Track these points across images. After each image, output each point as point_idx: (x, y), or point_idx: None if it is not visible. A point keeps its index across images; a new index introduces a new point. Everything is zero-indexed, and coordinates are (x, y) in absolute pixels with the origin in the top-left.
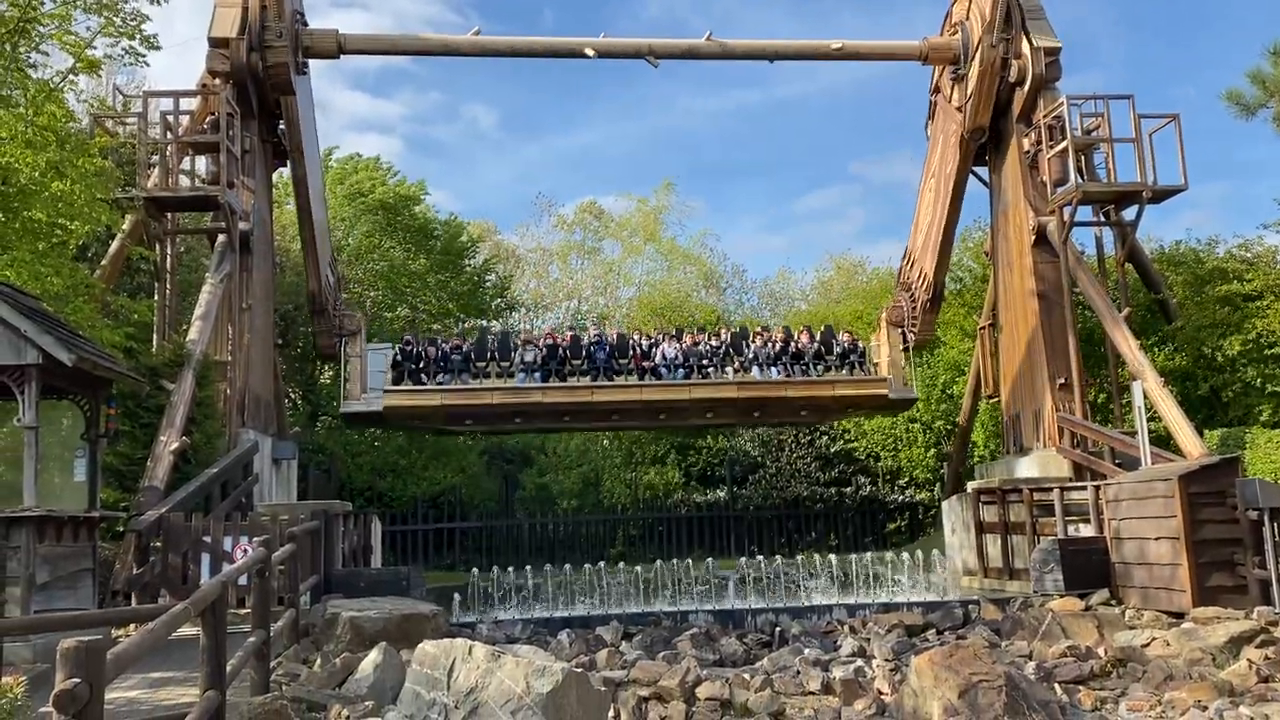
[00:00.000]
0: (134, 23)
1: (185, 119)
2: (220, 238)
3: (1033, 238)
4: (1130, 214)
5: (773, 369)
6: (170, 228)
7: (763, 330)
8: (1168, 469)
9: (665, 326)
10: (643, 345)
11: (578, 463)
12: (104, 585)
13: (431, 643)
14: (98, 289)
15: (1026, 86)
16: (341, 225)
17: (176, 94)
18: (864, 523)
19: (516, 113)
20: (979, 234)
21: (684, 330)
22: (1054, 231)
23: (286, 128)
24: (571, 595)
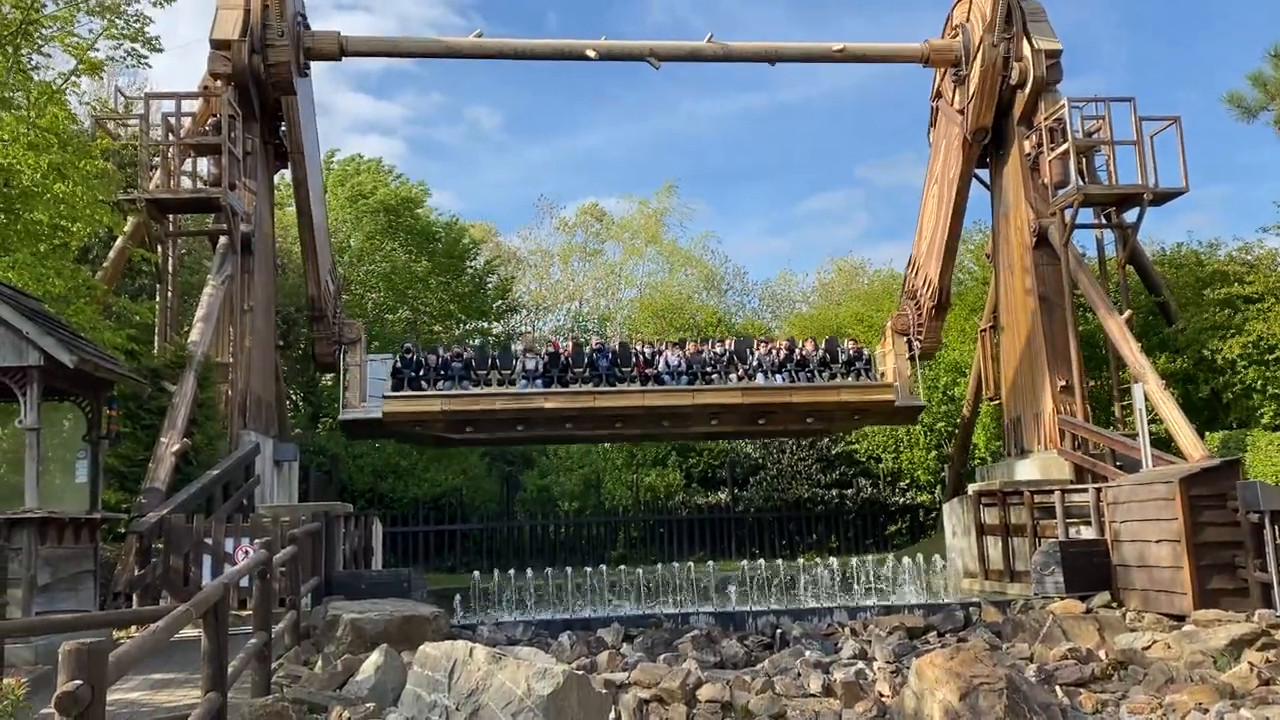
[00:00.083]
0: (137, 25)
1: (187, 121)
2: (222, 239)
3: (1034, 240)
4: (1131, 216)
5: (777, 376)
6: (172, 229)
7: (766, 340)
8: (1168, 471)
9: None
10: (645, 353)
11: (579, 464)
12: (105, 587)
13: (432, 645)
14: (99, 291)
15: (1028, 89)
16: (343, 227)
17: (178, 96)
18: (865, 525)
19: (519, 115)
20: (980, 236)
21: (687, 340)
22: (1055, 234)
23: (287, 129)
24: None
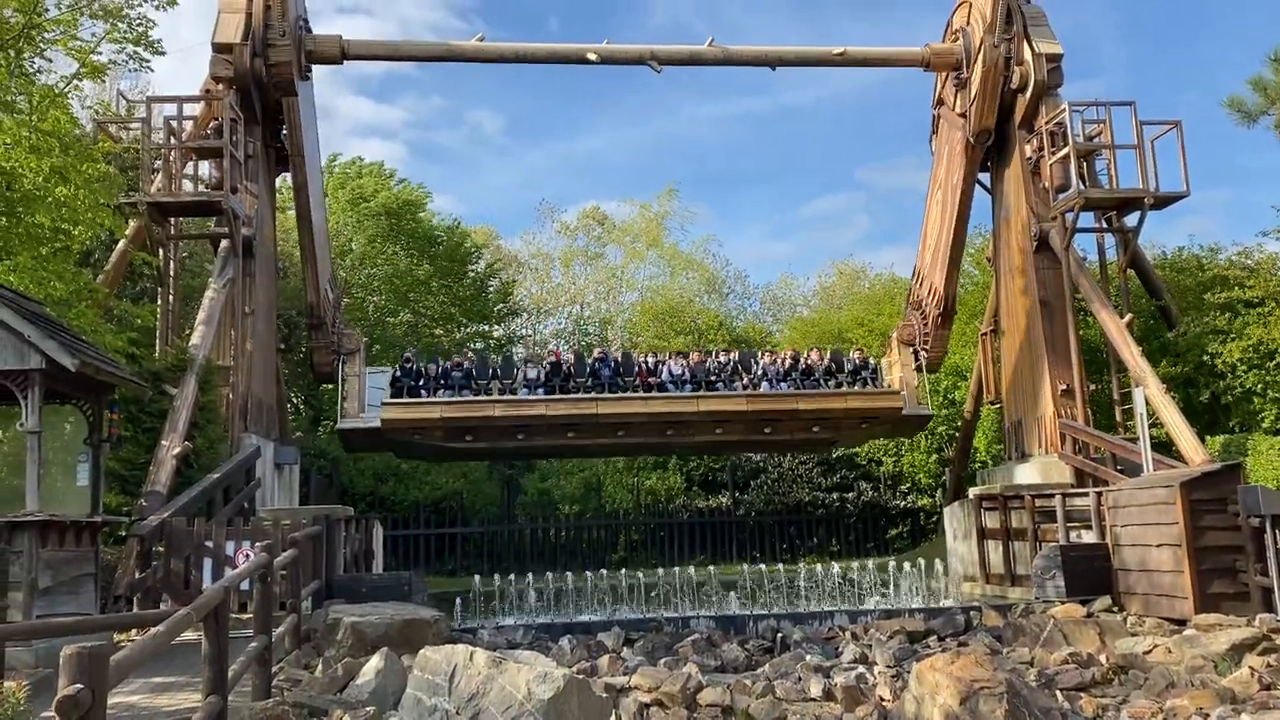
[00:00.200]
0: (139, 28)
1: (189, 124)
2: (223, 243)
3: (1035, 244)
4: (1132, 220)
5: (782, 384)
6: (173, 233)
7: (771, 350)
8: (1169, 476)
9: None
10: (649, 363)
11: (579, 468)
12: (106, 590)
13: (433, 648)
14: (101, 294)
15: (1028, 93)
16: (345, 230)
17: (180, 99)
18: (866, 528)
19: (521, 119)
20: (981, 240)
21: (690, 351)
22: (1056, 237)
23: (288, 132)
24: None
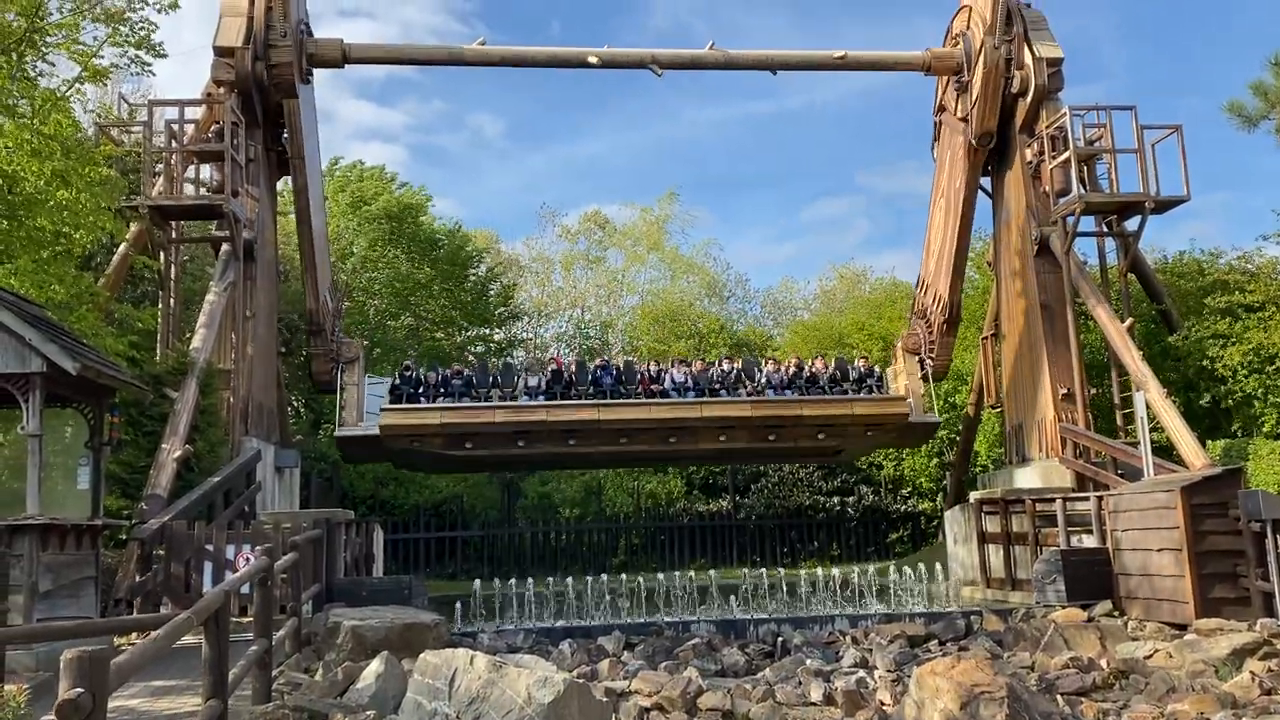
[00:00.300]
0: (141, 32)
1: (190, 128)
2: (224, 246)
3: (1035, 248)
4: (1133, 224)
5: (787, 391)
6: (174, 236)
7: (774, 359)
8: (1170, 480)
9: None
10: (651, 371)
11: (580, 471)
12: (107, 593)
13: (433, 652)
14: (102, 297)
15: (1029, 97)
16: (346, 234)
17: (181, 103)
18: (867, 532)
19: (522, 122)
20: (981, 244)
21: (693, 360)
22: (1056, 242)
23: (289, 135)
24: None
